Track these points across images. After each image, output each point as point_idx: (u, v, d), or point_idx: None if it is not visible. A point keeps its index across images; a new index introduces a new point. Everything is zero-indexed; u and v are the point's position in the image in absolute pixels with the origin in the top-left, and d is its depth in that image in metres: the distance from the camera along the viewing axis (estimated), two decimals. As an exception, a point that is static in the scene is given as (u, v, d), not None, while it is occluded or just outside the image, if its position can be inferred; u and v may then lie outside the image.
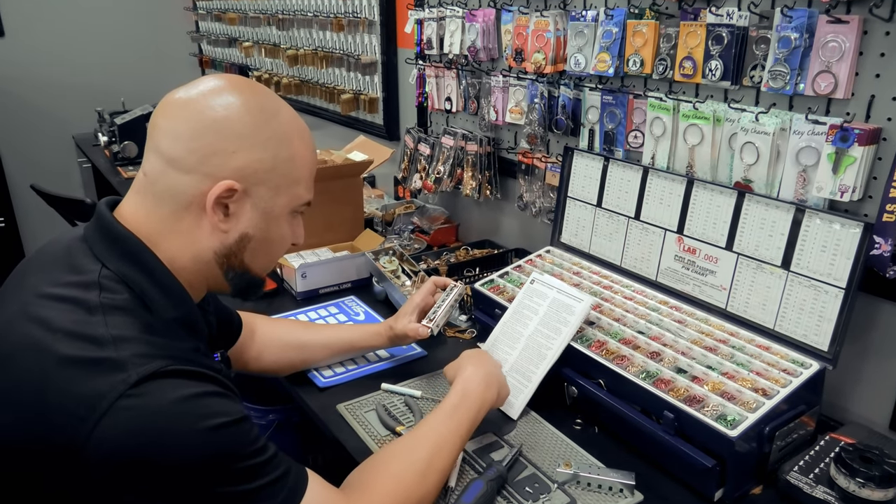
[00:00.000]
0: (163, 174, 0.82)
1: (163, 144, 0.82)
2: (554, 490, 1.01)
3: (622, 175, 1.41)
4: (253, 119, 0.83)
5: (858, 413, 1.19)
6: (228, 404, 0.77)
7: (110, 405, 0.69)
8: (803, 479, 0.98)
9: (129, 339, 0.75)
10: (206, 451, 0.72)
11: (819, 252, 1.09)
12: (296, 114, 0.90)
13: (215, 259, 0.87)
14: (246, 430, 0.77)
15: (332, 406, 1.22)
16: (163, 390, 0.72)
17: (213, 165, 0.81)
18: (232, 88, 0.84)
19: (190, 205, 0.83)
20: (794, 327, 1.12)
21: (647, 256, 1.37)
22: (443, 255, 1.82)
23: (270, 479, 0.78)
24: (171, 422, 0.71)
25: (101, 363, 0.72)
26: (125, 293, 0.79)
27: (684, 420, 1.00)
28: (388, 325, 1.29)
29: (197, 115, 0.81)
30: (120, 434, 0.69)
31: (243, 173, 0.82)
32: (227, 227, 0.85)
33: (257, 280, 0.94)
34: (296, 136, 0.88)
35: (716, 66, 1.22)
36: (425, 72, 1.98)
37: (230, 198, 0.83)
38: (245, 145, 0.82)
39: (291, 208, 0.90)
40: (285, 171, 0.86)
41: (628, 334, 1.19)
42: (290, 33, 2.91)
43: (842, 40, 1.05)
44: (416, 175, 2.04)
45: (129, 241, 0.82)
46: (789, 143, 1.15)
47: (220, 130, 0.81)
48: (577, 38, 1.46)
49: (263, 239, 0.89)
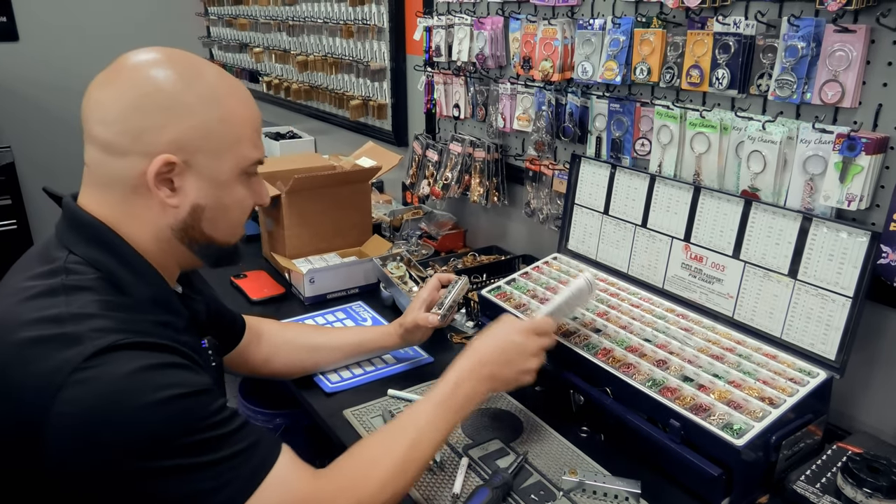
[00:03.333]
0: (102, 162, 0.83)
1: (94, 132, 0.82)
2: (559, 498, 1.01)
3: (629, 182, 1.41)
4: (174, 88, 0.81)
5: (866, 422, 1.18)
6: (188, 375, 0.77)
7: (65, 379, 0.70)
8: (810, 489, 0.97)
9: (90, 315, 0.75)
10: (160, 422, 0.72)
11: (826, 261, 1.09)
12: (223, 73, 0.88)
13: (175, 235, 0.87)
14: (205, 402, 0.76)
15: (339, 411, 1.22)
16: (118, 362, 0.72)
17: (145, 143, 0.80)
18: (148, 63, 0.83)
19: (135, 187, 0.82)
20: (802, 336, 1.12)
21: (653, 264, 1.37)
22: (450, 261, 1.82)
23: (233, 451, 0.77)
24: (125, 393, 0.71)
25: (58, 339, 0.73)
26: (92, 274, 0.80)
27: (690, 429, 1.00)
28: (398, 324, 1.30)
29: (118, 96, 0.81)
30: (76, 407, 0.69)
31: (178, 145, 0.81)
32: (177, 201, 0.84)
33: (227, 248, 0.94)
34: (225, 96, 0.85)
35: (723, 75, 1.22)
36: (434, 79, 1.99)
37: (171, 172, 0.82)
38: (172, 116, 0.81)
39: (240, 170, 0.88)
40: (221, 133, 0.84)
41: (635, 342, 1.19)
42: (300, 39, 2.93)
43: (849, 49, 1.05)
44: (424, 181, 2.04)
45: (93, 227, 0.83)
46: (796, 151, 1.15)
47: (142, 107, 0.80)
48: (585, 47, 1.47)
49: (217, 206, 0.88)
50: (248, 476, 0.78)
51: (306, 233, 1.82)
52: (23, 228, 3.81)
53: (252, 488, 0.77)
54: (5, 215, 3.56)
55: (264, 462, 0.80)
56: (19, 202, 3.72)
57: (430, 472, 1.06)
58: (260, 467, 0.79)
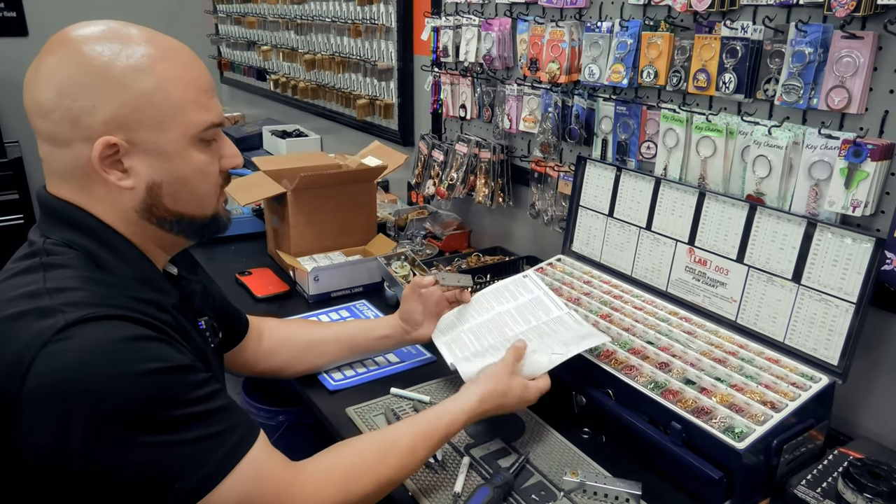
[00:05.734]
0: (51, 154, 0.81)
1: (36, 125, 0.80)
2: (560, 498, 1.01)
3: (634, 185, 1.41)
4: (97, 64, 0.77)
5: (868, 428, 1.18)
6: (167, 350, 0.75)
7: (38, 350, 0.69)
8: (811, 493, 0.98)
9: (66, 289, 0.74)
10: (133, 394, 0.70)
11: (830, 266, 1.09)
12: (153, 36, 0.82)
13: (141, 216, 0.83)
14: (183, 378, 0.75)
15: (342, 409, 1.23)
16: (93, 333, 0.71)
17: (83, 129, 0.77)
18: (72, 41, 0.78)
19: (88, 174, 0.80)
20: (805, 341, 1.12)
21: (657, 267, 1.37)
22: (454, 262, 1.83)
23: (210, 431, 0.75)
24: (96, 364, 0.69)
25: (32, 312, 0.72)
26: (71, 253, 0.79)
27: (692, 431, 1.00)
28: (398, 311, 1.31)
29: (45, 85, 0.77)
30: (49, 379, 0.68)
31: (115, 123, 0.77)
32: (130, 182, 0.81)
33: (202, 221, 0.89)
34: (157, 61, 0.80)
35: (730, 79, 1.22)
36: (441, 79, 1.99)
37: (116, 154, 0.79)
38: (100, 95, 0.77)
39: (190, 136, 0.82)
40: (159, 102, 0.79)
41: (637, 344, 1.19)
42: (308, 38, 2.94)
43: (856, 55, 1.05)
44: (430, 181, 2.05)
45: (66, 211, 0.82)
46: (802, 156, 1.15)
47: (69, 92, 0.76)
48: (592, 49, 1.47)
49: (176, 179, 0.83)
50: (221, 458, 0.76)
51: (311, 231, 1.82)
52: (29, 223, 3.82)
53: (226, 471, 0.76)
54: (12, 209, 3.58)
55: (240, 444, 0.78)
56: (26, 197, 3.74)
57: (431, 470, 1.06)
58: (235, 450, 0.77)
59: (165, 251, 0.91)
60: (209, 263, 1.92)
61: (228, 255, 1.97)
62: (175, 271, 0.96)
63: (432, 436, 0.97)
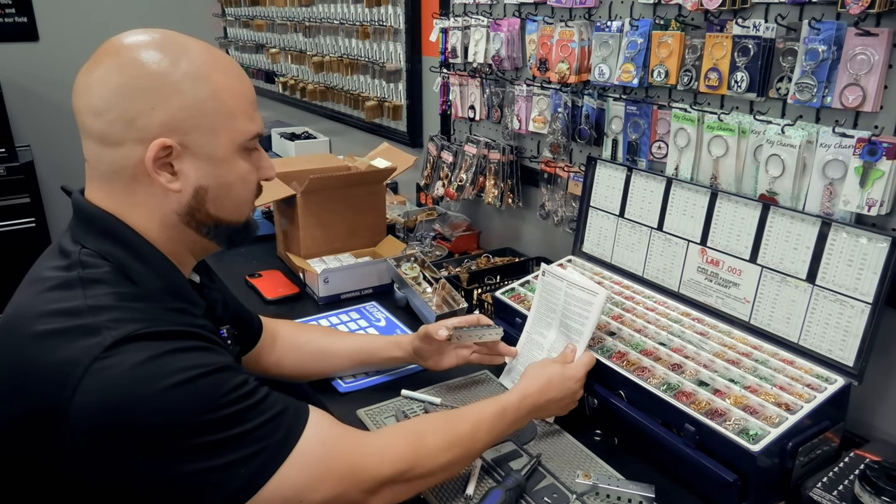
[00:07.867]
0: (99, 154, 0.82)
1: (87, 124, 0.81)
2: (572, 501, 1.00)
3: (645, 185, 1.40)
4: (157, 69, 0.80)
5: (884, 430, 1.17)
6: (207, 356, 0.77)
7: (86, 369, 0.70)
8: (826, 496, 0.96)
9: (107, 307, 0.76)
10: (182, 402, 0.72)
11: (845, 266, 1.08)
12: (208, 48, 0.86)
13: (181, 220, 0.86)
14: (226, 377, 0.77)
15: (353, 411, 1.23)
16: (136, 352, 0.73)
17: (138, 130, 0.79)
18: (130, 46, 0.81)
19: (136, 175, 0.82)
20: (819, 342, 1.11)
21: (669, 268, 1.36)
22: (464, 263, 1.82)
23: (260, 421, 0.78)
24: (146, 379, 0.71)
25: (76, 330, 0.73)
26: (106, 266, 0.80)
27: (706, 433, 0.99)
28: (413, 335, 1.28)
29: (104, 85, 0.79)
30: (97, 397, 0.70)
31: (170, 126, 0.80)
32: (179, 185, 0.83)
33: (237, 227, 0.92)
34: (213, 71, 0.83)
35: (741, 78, 1.21)
36: (449, 80, 1.99)
37: (169, 156, 0.81)
38: (160, 98, 0.79)
39: (237, 145, 0.86)
40: (213, 109, 0.83)
41: (650, 346, 1.18)
42: (317, 40, 2.95)
43: (871, 53, 1.04)
44: (439, 182, 2.05)
45: (102, 219, 0.83)
46: (816, 155, 1.14)
47: (129, 93, 0.79)
48: (602, 49, 1.47)
49: (221, 185, 0.86)
50: (279, 442, 0.79)
51: (321, 233, 1.82)
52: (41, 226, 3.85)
53: (286, 452, 0.79)
54: (24, 213, 3.60)
55: (295, 425, 0.81)
56: (38, 200, 3.76)
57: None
58: (291, 432, 0.80)
59: (196, 256, 0.94)
60: (219, 266, 1.92)
61: (238, 258, 1.97)
62: (198, 279, 0.98)
63: (508, 410, 1.04)
